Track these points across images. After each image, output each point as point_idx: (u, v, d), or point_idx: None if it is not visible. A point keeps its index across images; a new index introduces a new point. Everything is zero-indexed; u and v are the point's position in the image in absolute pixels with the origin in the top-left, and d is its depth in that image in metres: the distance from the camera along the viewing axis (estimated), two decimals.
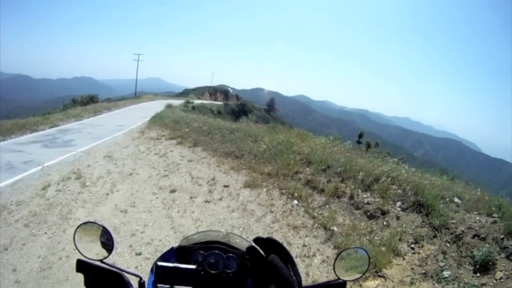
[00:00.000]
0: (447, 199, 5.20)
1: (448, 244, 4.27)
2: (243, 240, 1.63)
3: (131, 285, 1.18)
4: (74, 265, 1.15)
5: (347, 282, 1.25)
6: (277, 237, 5.11)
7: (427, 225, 4.72)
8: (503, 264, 3.75)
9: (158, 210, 6.04)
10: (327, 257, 4.57)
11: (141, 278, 1.19)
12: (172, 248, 1.52)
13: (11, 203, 6.28)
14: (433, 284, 3.80)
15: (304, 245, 4.86)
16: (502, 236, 4.07)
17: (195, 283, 1.17)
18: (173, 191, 6.80)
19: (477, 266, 3.80)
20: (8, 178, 7.40)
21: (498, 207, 4.68)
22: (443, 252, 4.17)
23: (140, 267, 4.51)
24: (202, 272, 1.45)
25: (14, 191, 6.80)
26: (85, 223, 1.23)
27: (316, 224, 5.31)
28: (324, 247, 4.80)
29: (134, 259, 4.68)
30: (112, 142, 10.88)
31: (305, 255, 4.65)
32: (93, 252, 1.19)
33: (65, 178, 7.49)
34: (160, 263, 1.14)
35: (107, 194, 6.70)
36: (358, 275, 1.28)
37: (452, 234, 4.35)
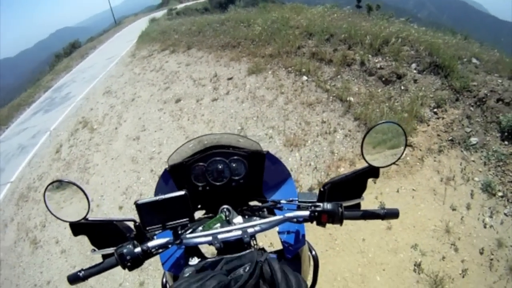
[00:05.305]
0: (465, 60, 4.64)
1: (472, 108, 3.97)
2: (244, 138, 1.36)
3: (130, 230, 1.03)
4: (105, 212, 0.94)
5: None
6: (294, 117, 4.85)
7: (447, 88, 4.32)
8: None
9: (169, 125, 5.88)
10: (349, 130, 4.31)
11: (135, 221, 1.00)
12: (165, 170, 1.26)
13: (33, 181, 6.42)
14: (461, 151, 3.64)
15: (323, 122, 4.57)
16: None
17: (195, 208, 0.97)
18: (178, 100, 6.52)
19: (505, 133, 3.55)
20: (23, 160, 7.56)
21: None
22: (468, 117, 3.90)
23: None
24: (208, 188, 1.22)
25: (32, 169, 6.93)
26: (50, 183, 0.98)
27: (331, 97, 4.91)
28: (344, 121, 4.49)
29: None
30: (107, 76, 10.48)
31: (325, 132, 4.40)
32: (72, 212, 0.98)
33: (73, 132, 7.47)
34: (139, 201, 0.87)
35: (116, 128, 6.60)
36: (391, 160, 0.96)
37: (475, 97, 4.00)
